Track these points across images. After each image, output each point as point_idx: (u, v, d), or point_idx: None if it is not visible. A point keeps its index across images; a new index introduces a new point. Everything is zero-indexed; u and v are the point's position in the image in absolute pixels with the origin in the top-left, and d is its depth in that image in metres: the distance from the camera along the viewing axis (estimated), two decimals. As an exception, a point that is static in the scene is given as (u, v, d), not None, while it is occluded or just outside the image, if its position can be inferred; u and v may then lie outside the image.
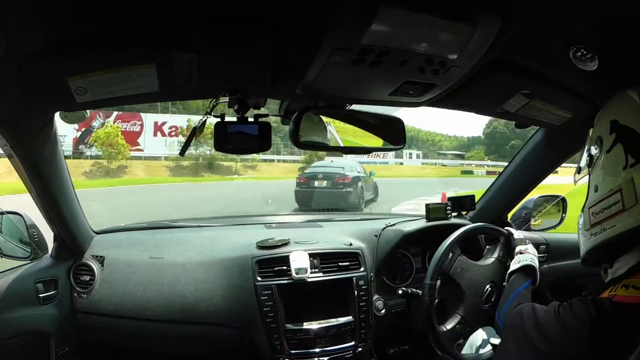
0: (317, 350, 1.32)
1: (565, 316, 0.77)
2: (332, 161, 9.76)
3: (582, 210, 0.84)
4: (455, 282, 1.24)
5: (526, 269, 1.16)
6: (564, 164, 1.43)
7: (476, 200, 1.69)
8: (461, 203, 1.66)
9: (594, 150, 0.79)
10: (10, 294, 1.15)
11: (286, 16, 0.67)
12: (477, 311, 1.25)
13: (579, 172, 0.86)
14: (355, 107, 1.02)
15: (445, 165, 30.39)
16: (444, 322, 1.23)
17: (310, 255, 1.37)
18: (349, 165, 9.44)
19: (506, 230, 1.33)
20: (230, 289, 1.34)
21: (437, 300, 1.21)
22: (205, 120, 0.92)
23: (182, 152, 0.98)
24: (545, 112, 1.08)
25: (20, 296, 1.17)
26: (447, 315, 1.25)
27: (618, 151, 0.73)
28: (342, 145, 1.01)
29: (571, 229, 1.52)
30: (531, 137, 1.43)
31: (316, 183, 8.63)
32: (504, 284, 1.19)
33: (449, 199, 1.65)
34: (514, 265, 1.20)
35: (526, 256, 1.20)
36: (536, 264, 1.19)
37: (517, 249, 1.25)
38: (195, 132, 0.93)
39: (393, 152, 20.31)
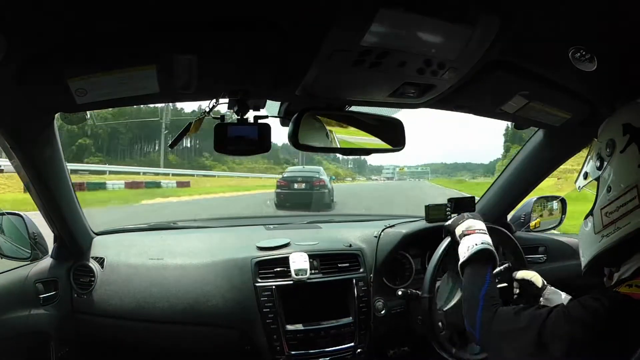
0: (316, 351, 1.32)
1: (576, 312, 0.73)
2: (303, 167, 11.61)
3: (590, 214, 0.83)
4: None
5: (479, 255, 0.97)
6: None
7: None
8: (461, 204, 1.65)
9: (605, 154, 0.81)
10: (11, 294, 1.15)
11: (286, 18, 0.68)
12: None
13: (585, 178, 0.86)
14: (354, 108, 1.02)
15: None
16: (464, 346, 1.21)
17: (310, 256, 1.37)
18: (320, 170, 10.98)
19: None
20: (230, 290, 1.34)
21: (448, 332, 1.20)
22: (203, 118, 0.92)
23: (172, 145, 0.98)
24: (544, 112, 1.09)
25: (20, 297, 1.17)
26: (466, 339, 1.22)
27: (633, 150, 0.75)
28: (341, 146, 1.01)
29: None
30: (530, 138, 1.43)
31: (296, 185, 9.81)
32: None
33: (449, 199, 1.63)
34: (462, 254, 0.99)
35: (473, 238, 0.99)
36: (488, 241, 0.99)
37: (458, 230, 1.02)
38: (190, 127, 0.93)
39: None
